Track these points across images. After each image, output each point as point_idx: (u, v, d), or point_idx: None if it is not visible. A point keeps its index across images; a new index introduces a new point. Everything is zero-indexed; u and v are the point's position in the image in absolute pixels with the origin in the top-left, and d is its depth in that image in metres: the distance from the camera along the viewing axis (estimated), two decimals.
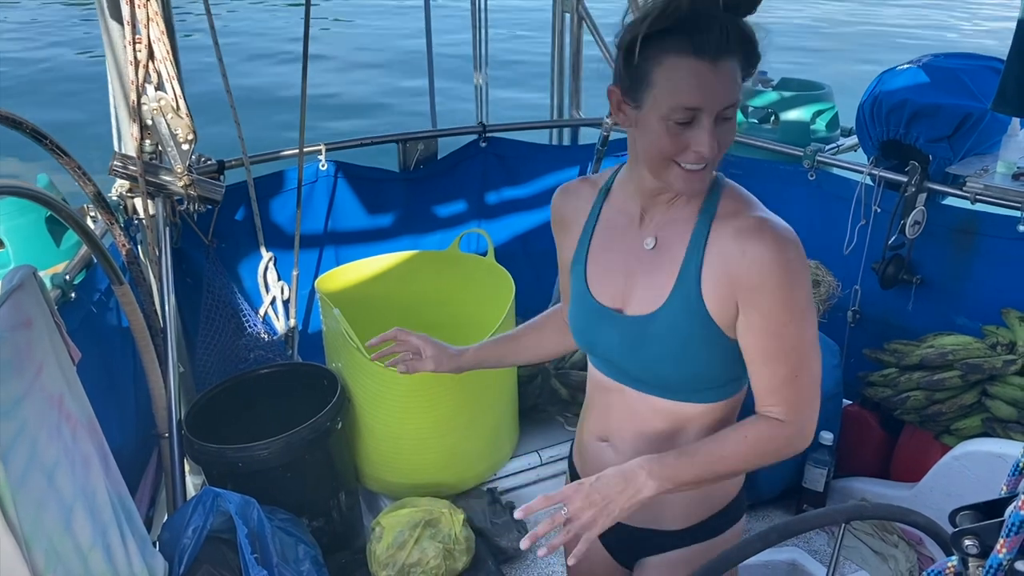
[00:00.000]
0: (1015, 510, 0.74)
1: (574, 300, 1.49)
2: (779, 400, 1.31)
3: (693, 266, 1.31)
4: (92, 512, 1.59)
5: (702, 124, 1.21)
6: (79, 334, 2.06)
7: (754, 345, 1.31)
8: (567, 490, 1.29)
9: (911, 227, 2.60)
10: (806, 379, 1.31)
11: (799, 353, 1.30)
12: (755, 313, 1.28)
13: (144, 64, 2.22)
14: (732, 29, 1.18)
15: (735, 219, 1.29)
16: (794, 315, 1.27)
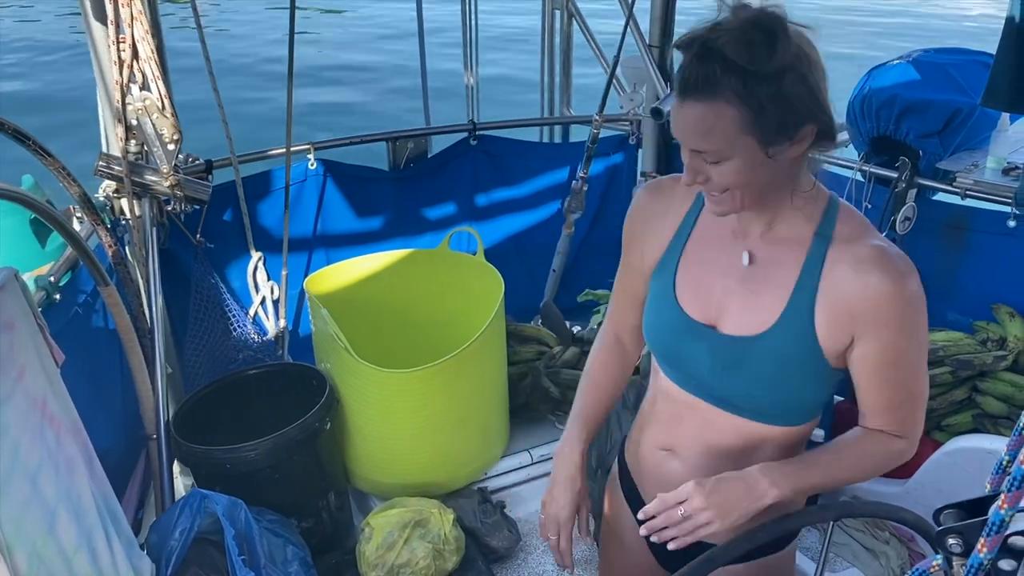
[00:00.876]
0: (996, 509, 0.74)
1: (655, 308, 1.44)
2: (892, 420, 1.34)
3: (807, 291, 1.27)
4: (77, 515, 1.58)
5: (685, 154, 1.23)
6: (64, 336, 2.05)
7: (872, 372, 1.30)
8: (686, 488, 1.29)
9: (902, 223, 2.59)
10: (919, 401, 1.34)
11: (916, 378, 1.32)
12: (875, 344, 1.26)
13: (128, 64, 2.20)
14: (702, 71, 1.13)
15: (854, 247, 1.24)
16: (912, 345, 1.28)
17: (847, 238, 1.26)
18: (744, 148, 1.17)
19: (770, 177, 1.22)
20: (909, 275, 1.23)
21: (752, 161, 1.18)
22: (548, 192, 3.49)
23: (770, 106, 1.13)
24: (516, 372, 2.91)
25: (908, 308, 1.24)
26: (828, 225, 1.27)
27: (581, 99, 3.87)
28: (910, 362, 1.29)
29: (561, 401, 2.89)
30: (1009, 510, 0.73)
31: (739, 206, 1.25)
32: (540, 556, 2.56)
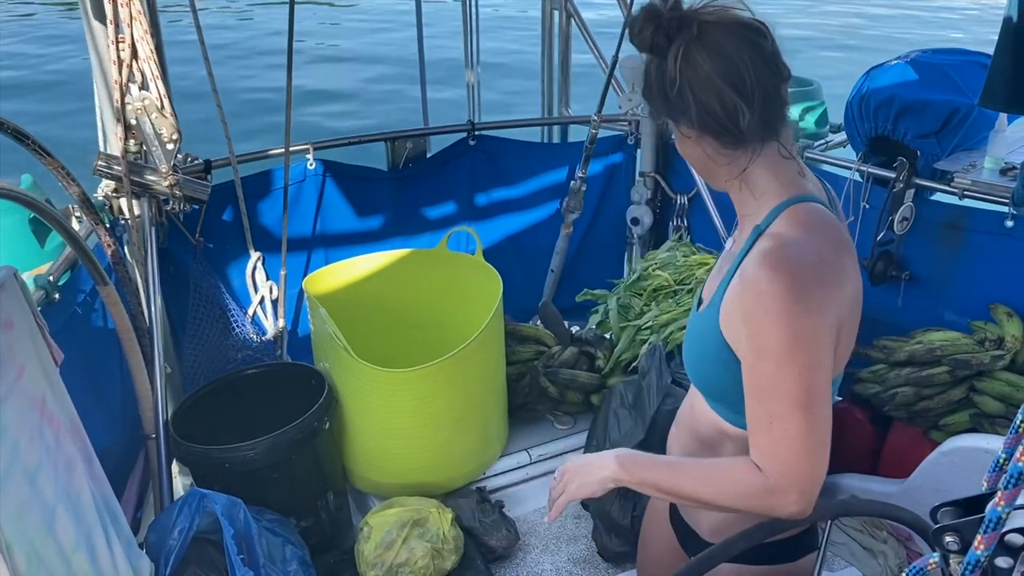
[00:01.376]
0: (993, 506, 0.74)
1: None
2: (755, 444, 1.24)
3: (728, 278, 1.32)
4: (76, 514, 1.58)
5: None
6: (63, 335, 2.05)
7: (744, 378, 1.26)
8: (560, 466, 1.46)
9: (899, 223, 2.59)
10: (779, 431, 1.20)
11: (772, 398, 1.21)
12: (745, 343, 1.25)
13: (128, 63, 2.20)
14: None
15: (767, 240, 1.26)
16: (765, 354, 1.20)
17: (773, 232, 1.27)
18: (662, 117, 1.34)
19: (695, 158, 1.33)
20: (781, 275, 1.18)
21: (676, 134, 1.33)
22: (547, 192, 3.49)
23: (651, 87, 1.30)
24: (515, 372, 2.91)
25: (758, 308, 1.20)
26: (767, 220, 1.30)
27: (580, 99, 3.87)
28: (765, 375, 1.21)
29: (560, 401, 2.90)
30: (1006, 507, 0.73)
31: (705, 182, 1.40)
32: (538, 555, 2.57)
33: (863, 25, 14.25)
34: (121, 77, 2.21)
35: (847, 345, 1.30)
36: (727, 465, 1.29)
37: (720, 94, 1.22)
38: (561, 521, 2.69)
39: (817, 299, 1.19)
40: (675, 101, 1.25)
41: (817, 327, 1.20)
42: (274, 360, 2.88)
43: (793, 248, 1.22)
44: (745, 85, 1.22)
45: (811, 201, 1.30)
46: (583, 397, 2.90)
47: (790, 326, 1.18)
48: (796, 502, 1.22)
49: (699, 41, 1.22)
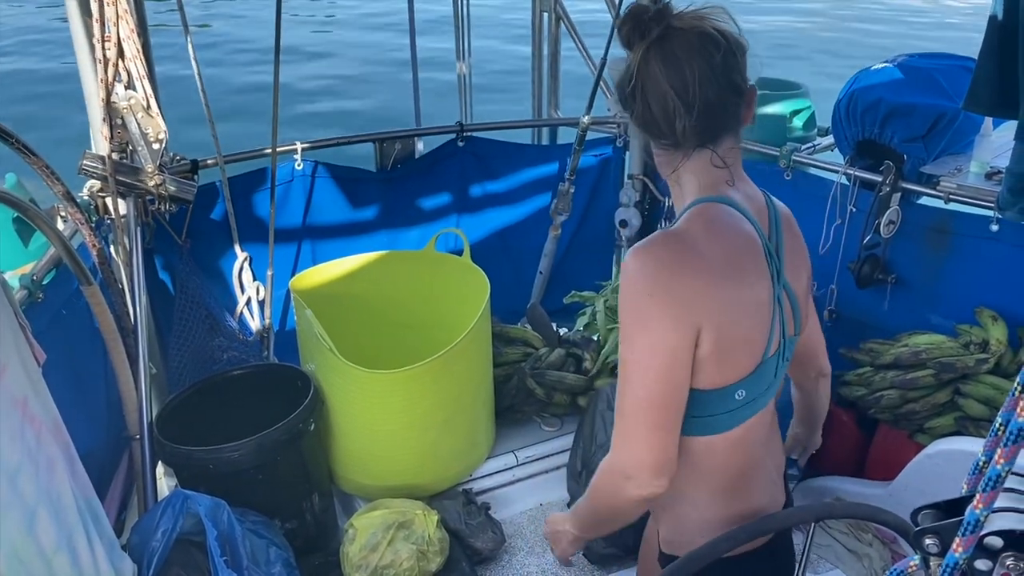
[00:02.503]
0: (972, 509, 0.74)
1: None
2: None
3: None
4: (57, 516, 1.56)
5: None
6: (47, 335, 2.03)
7: None
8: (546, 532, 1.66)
9: (886, 226, 2.60)
10: (619, 411, 1.31)
11: (621, 379, 1.31)
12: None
13: (114, 62, 2.19)
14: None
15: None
16: (623, 337, 1.30)
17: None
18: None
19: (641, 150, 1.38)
20: (627, 264, 1.29)
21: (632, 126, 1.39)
22: (535, 194, 3.49)
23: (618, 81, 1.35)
24: (502, 374, 2.91)
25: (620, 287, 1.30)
26: (677, 219, 1.37)
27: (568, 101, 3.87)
28: (621, 356, 1.31)
29: (547, 403, 2.89)
30: (984, 510, 0.73)
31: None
32: (524, 557, 2.56)
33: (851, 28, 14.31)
34: (107, 76, 2.20)
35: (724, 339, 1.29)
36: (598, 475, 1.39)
37: (663, 97, 1.27)
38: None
39: (663, 284, 1.26)
40: (627, 97, 1.32)
41: (656, 308, 1.26)
42: (260, 361, 2.87)
43: (659, 236, 1.31)
44: (687, 92, 1.26)
45: (717, 202, 1.34)
46: (570, 399, 2.90)
47: (631, 309, 1.28)
48: (636, 484, 1.29)
49: (659, 44, 1.27)
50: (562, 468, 2.80)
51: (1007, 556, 0.79)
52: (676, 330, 1.25)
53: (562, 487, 2.75)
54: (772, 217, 1.42)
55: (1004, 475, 0.71)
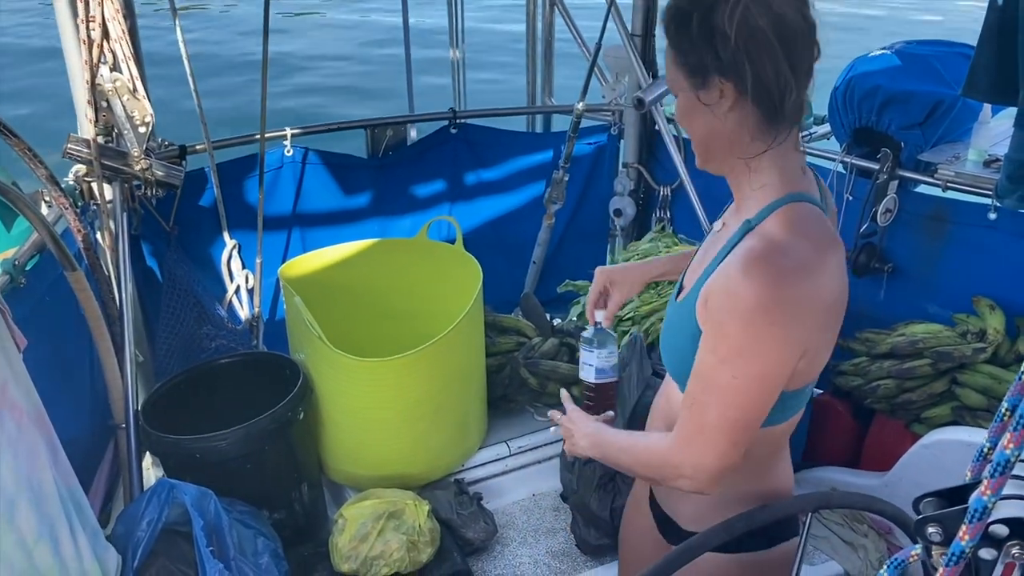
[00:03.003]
0: (978, 496, 0.71)
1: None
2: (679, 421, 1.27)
3: (710, 270, 1.27)
4: (38, 505, 1.53)
5: None
6: (30, 322, 2.00)
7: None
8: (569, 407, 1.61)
9: (883, 215, 2.58)
10: (695, 417, 1.23)
11: (703, 388, 1.22)
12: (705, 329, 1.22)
13: (98, 44, 2.15)
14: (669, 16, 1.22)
15: (759, 236, 1.20)
16: (715, 350, 1.19)
17: (764, 230, 1.21)
18: (681, 85, 1.24)
19: (707, 129, 1.25)
20: (770, 283, 1.13)
21: (687, 100, 1.24)
22: (529, 182, 3.46)
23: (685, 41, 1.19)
24: (495, 363, 2.87)
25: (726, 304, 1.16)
26: (760, 216, 1.24)
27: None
28: (703, 364, 1.21)
29: (540, 392, 2.86)
30: (992, 497, 0.71)
31: (700, 160, 1.31)
32: (516, 548, 2.54)
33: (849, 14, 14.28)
34: (91, 57, 2.15)
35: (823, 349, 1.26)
36: (654, 440, 1.35)
37: (776, 61, 1.13)
38: (540, 513, 2.66)
39: (788, 312, 1.15)
40: (728, 60, 1.14)
41: (777, 340, 1.17)
42: (249, 349, 2.83)
43: (776, 256, 1.16)
44: (794, 55, 1.14)
45: (806, 201, 1.24)
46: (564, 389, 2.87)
47: (749, 333, 1.16)
48: (689, 485, 1.27)
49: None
50: (555, 458, 2.77)
51: (1013, 545, 0.76)
52: (788, 363, 1.19)
53: (555, 477, 2.72)
54: (824, 194, 1.34)
55: (1014, 460, 0.69)
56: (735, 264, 1.17)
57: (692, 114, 1.25)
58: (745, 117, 1.20)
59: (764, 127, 1.21)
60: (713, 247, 1.34)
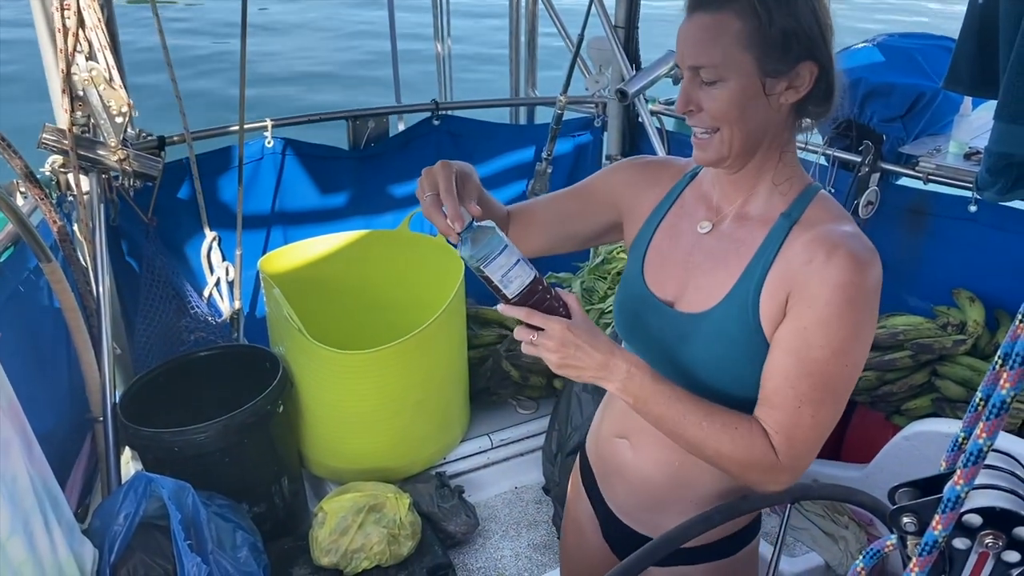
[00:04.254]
0: (951, 486, 0.71)
1: (624, 284, 1.38)
2: (773, 421, 1.17)
3: (759, 269, 1.19)
4: (11, 499, 1.51)
5: (683, 80, 1.18)
6: (3, 313, 1.98)
7: (773, 356, 1.17)
8: (556, 326, 1.14)
9: (864, 207, 2.58)
10: (807, 416, 1.14)
11: (813, 384, 1.14)
12: (792, 322, 1.15)
13: (74, 32, 2.12)
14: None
15: (816, 227, 1.17)
16: (829, 343, 1.12)
17: (812, 221, 1.18)
18: (741, 69, 1.12)
19: (760, 122, 1.16)
20: (863, 267, 1.11)
21: (746, 89, 1.13)
22: (512, 173, 3.45)
23: (777, 20, 1.10)
24: (477, 356, 2.87)
25: (843, 299, 1.11)
26: (798, 208, 1.20)
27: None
28: (815, 360, 1.13)
29: (522, 385, 2.86)
30: (964, 486, 0.70)
31: (726, 152, 1.18)
32: (498, 541, 2.53)
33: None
34: (67, 46, 2.12)
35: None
36: (744, 428, 1.17)
37: (829, 43, 1.13)
38: (522, 506, 2.66)
39: (877, 294, 1.14)
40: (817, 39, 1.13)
41: (873, 322, 1.16)
42: (229, 342, 2.80)
43: (853, 242, 1.14)
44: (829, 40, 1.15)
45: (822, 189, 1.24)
46: (546, 381, 2.87)
47: (857, 320, 1.13)
48: (785, 483, 1.20)
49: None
50: (537, 451, 2.77)
51: (986, 534, 0.76)
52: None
53: (537, 470, 2.72)
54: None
55: (986, 450, 0.68)
56: (819, 256, 1.13)
57: (749, 104, 1.14)
58: (801, 104, 1.17)
59: (814, 110, 1.18)
60: (727, 247, 1.26)
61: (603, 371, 1.16)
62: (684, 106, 1.18)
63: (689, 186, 1.36)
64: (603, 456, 1.51)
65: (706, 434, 1.17)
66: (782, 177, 1.22)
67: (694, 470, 1.35)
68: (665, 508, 1.40)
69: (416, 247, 2.87)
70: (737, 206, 1.27)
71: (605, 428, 1.49)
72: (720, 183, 1.29)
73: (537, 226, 1.47)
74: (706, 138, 1.19)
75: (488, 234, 1.13)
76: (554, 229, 1.39)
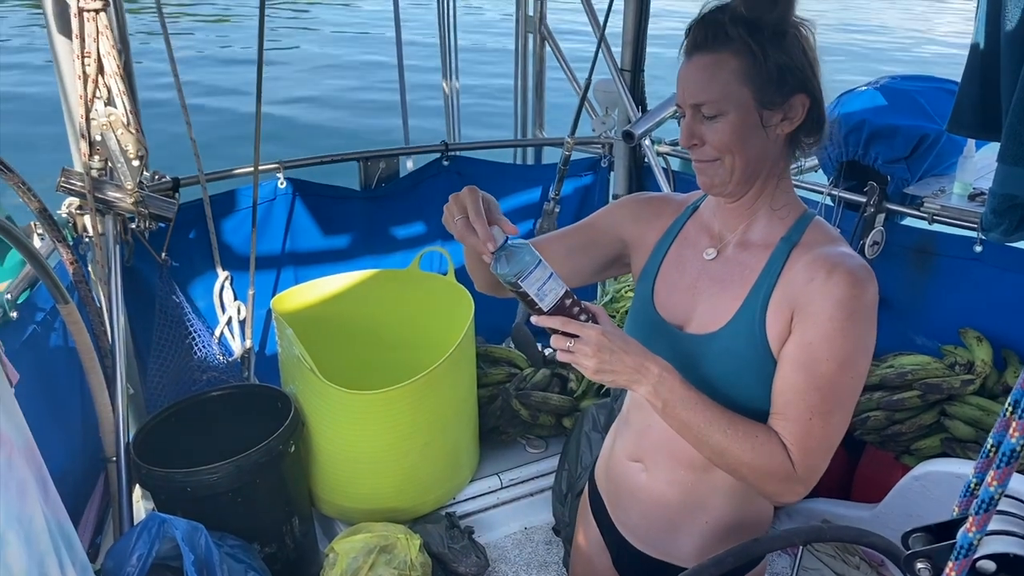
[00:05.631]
0: (964, 532, 0.72)
1: (635, 311, 1.45)
2: (787, 433, 1.22)
3: (763, 291, 1.27)
4: (27, 540, 1.52)
5: (686, 117, 1.25)
6: (21, 355, 2.00)
7: (783, 370, 1.24)
8: (592, 332, 1.19)
9: (870, 247, 2.60)
10: (818, 427, 1.21)
11: (823, 396, 1.20)
12: (798, 338, 1.22)
13: (93, 79, 2.17)
14: (711, 26, 1.20)
15: (815, 249, 1.25)
16: (834, 356, 1.19)
17: (811, 243, 1.27)
18: (740, 102, 1.20)
19: (759, 151, 1.24)
20: (861, 283, 1.19)
21: (745, 120, 1.21)
22: (520, 213, 3.48)
23: (770, 56, 1.19)
24: (486, 394, 2.88)
25: (845, 315, 1.18)
26: (797, 232, 1.29)
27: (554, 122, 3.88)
28: (823, 375, 1.19)
29: (532, 424, 2.87)
30: (977, 533, 0.72)
31: (728, 178, 1.25)
32: None
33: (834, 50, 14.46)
34: (86, 92, 2.17)
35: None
36: (764, 437, 1.23)
37: (818, 76, 1.23)
38: (532, 547, 2.65)
39: (874, 308, 1.22)
40: (807, 72, 1.23)
41: (874, 339, 1.23)
42: (241, 382, 2.82)
43: (850, 260, 1.22)
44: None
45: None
46: (555, 420, 2.87)
47: (859, 333, 1.20)
48: (800, 493, 1.25)
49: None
50: (547, 491, 2.77)
51: None
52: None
53: (547, 510, 2.72)
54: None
55: (997, 497, 0.70)
56: (822, 274, 1.20)
57: (748, 135, 1.22)
58: (794, 134, 1.26)
59: (805, 140, 1.28)
60: (732, 271, 1.33)
61: (637, 374, 1.21)
62: (688, 140, 1.26)
63: (691, 219, 1.44)
64: (616, 479, 1.54)
65: (730, 441, 1.22)
66: (780, 203, 1.31)
67: (708, 492, 1.39)
68: (679, 530, 1.43)
69: (427, 286, 2.90)
70: (739, 233, 1.34)
71: (618, 451, 1.53)
72: (721, 212, 1.37)
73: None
74: (707, 166, 1.27)
75: (522, 250, 1.19)
76: (561, 265, 1.44)
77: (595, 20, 3.28)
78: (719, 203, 1.36)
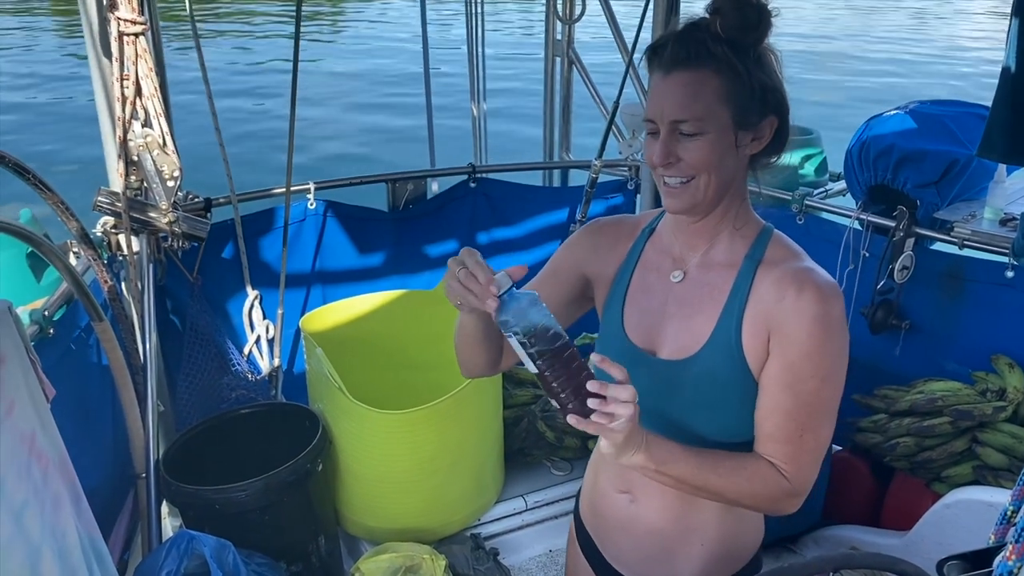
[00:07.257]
0: (1003, 560, 0.72)
1: (606, 340, 1.44)
2: (780, 453, 1.26)
3: (735, 311, 1.28)
4: (61, 554, 1.54)
5: (658, 135, 1.24)
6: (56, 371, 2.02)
7: (768, 392, 1.26)
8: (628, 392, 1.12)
9: (900, 272, 2.59)
10: (810, 441, 1.25)
11: (810, 412, 1.24)
12: (778, 360, 1.24)
13: (131, 100, 2.21)
14: (692, 43, 1.20)
15: (779, 266, 1.27)
16: (817, 373, 1.23)
17: (775, 260, 1.29)
18: (719, 122, 1.21)
19: (730, 172, 1.26)
20: (829, 298, 1.22)
21: (722, 141, 1.22)
22: (546, 235, 3.49)
23: (750, 77, 1.20)
24: (511, 416, 2.88)
25: (820, 330, 1.21)
26: (759, 249, 1.31)
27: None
28: (807, 392, 1.23)
29: (557, 446, 2.86)
30: (1017, 561, 0.71)
31: (701, 197, 1.25)
32: None
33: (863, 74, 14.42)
34: (124, 114, 2.21)
35: None
36: (752, 466, 1.26)
37: (786, 98, 1.26)
38: (557, 570, 2.65)
39: (844, 317, 1.25)
40: (778, 94, 1.26)
41: (847, 346, 1.26)
42: (269, 400, 2.85)
43: (817, 274, 1.25)
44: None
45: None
46: (581, 442, 2.87)
47: (836, 346, 1.24)
48: (799, 503, 1.29)
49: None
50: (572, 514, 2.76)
51: None
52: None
53: None
54: None
55: None
56: (790, 293, 1.23)
57: (724, 155, 1.24)
58: (756, 155, 1.29)
59: (764, 160, 1.30)
60: (700, 293, 1.33)
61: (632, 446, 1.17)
62: (664, 158, 1.24)
63: (648, 242, 1.43)
64: (602, 513, 1.52)
65: (724, 481, 1.25)
66: (741, 222, 1.32)
67: (699, 514, 1.39)
68: (675, 557, 1.43)
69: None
70: (701, 253, 1.35)
71: (603, 484, 1.50)
72: (682, 234, 1.37)
73: None
74: (679, 187, 1.26)
75: (525, 298, 1.19)
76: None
77: (623, 44, 3.30)
78: (679, 224, 1.36)
